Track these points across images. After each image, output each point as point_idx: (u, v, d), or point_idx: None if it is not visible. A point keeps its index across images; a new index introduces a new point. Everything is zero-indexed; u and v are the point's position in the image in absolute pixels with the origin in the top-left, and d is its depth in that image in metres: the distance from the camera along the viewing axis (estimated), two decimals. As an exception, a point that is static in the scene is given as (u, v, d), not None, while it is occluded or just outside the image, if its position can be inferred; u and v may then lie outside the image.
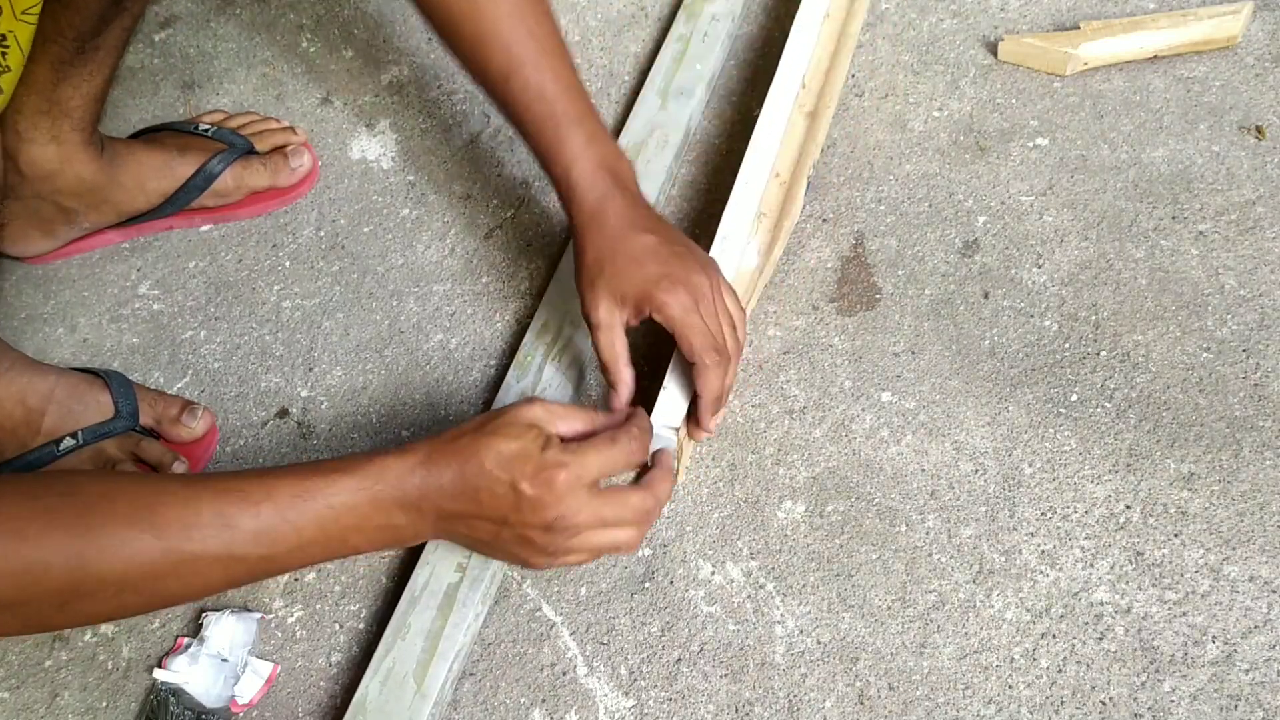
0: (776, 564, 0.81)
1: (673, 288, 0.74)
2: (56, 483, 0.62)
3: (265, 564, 0.64)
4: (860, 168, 0.99)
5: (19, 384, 0.85)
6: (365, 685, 0.76)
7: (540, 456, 0.66)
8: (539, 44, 0.77)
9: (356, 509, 0.66)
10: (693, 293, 0.75)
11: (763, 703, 0.76)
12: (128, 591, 0.61)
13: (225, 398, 0.95)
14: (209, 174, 1.00)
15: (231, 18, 1.20)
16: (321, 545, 0.65)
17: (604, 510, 0.69)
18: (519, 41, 0.76)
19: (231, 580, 0.65)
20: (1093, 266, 0.91)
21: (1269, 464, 0.80)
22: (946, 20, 1.08)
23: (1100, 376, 0.86)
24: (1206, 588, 0.76)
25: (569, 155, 0.77)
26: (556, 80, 0.77)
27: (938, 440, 0.84)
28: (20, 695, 0.81)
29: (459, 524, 0.68)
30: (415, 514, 0.67)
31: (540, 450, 0.67)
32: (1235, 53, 1.01)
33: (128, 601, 0.62)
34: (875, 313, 0.91)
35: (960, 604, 0.78)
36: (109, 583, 0.59)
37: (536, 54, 0.77)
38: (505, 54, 0.76)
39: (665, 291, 0.74)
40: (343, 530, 0.66)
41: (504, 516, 0.67)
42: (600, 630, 0.80)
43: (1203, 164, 0.95)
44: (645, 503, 0.71)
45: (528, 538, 0.68)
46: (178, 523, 0.61)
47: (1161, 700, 0.73)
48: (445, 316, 0.97)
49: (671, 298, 0.74)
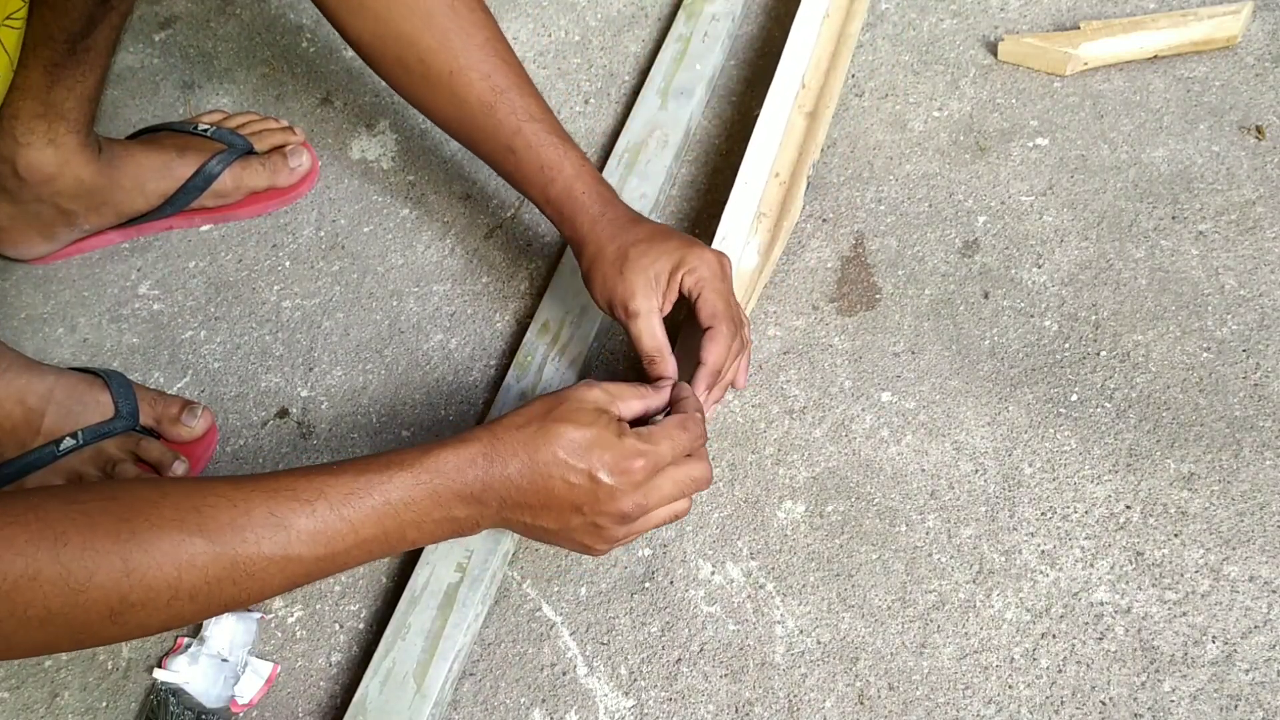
0: (776, 564, 0.81)
1: (703, 254, 0.76)
2: (100, 488, 0.60)
3: (323, 564, 0.63)
4: (860, 168, 0.99)
5: (18, 384, 0.85)
6: (365, 685, 0.76)
7: (619, 445, 0.66)
8: (516, 72, 0.79)
9: (415, 504, 0.64)
10: (719, 263, 0.77)
11: (763, 703, 0.76)
12: (181, 598, 0.59)
13: (225, 398, 0.95)
14: (208, 174, 1.00)
15: (231, 18, 1.20)
16: (380, 541, 0.64)
17: (672, 490, 0.69)
18: (498, 71, 0.78)
19: (290, 582, 0.63)
20: (1093, 266, 0.91)
21: (1269, 464, 0.80)
22: (946, 20, 1.08)
23: (1100, 376, 0.86)
24: (1206, 588, 0.76)
25: (571, 168, 0.78)
26: (540, 104, 0.80)
27: (938, 440, 0.84)
28: (20, 695, 0.81)
29: (524, 513, 0.67)
30: (477, 505, 0.66)
31: (617, 438, 0.66)
32: (1235, 53, 1.01)
33: (182, 610, 0.59)
34: (875, 313, 0.91)
35: (960, 604, 0.78)
36: (159, 590, 0.58)
37: (518, 80, 0.79)
38: (486, 82, 0.78)
39: (696, 257, 0.75)
40: (401, 526, 0.65)
41: (579, 506, 0.66)
42: (600, 630, 0.80)
43: (1203, 164, 0.95)
44: (704, 471, 0.71)
45: (599, 526, 0.67)
46: (230, 526, 0.59)
47: (1161, 700, 0.73)
48: (445, 316, 0.97)
49: (702, 263, 0.75)
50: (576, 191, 0.78)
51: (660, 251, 0.76)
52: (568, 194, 0.78)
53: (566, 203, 0.79)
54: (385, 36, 0.78)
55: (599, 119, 1.07)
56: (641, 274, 0.75)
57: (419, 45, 0.77)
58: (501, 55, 0.79)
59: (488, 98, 0.78)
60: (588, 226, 0.78)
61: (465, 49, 0.77)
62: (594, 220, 0.78)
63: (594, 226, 0.78)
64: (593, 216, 0.78)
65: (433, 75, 0.78)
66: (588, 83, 1.10)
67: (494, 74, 0.78)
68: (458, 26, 0.77)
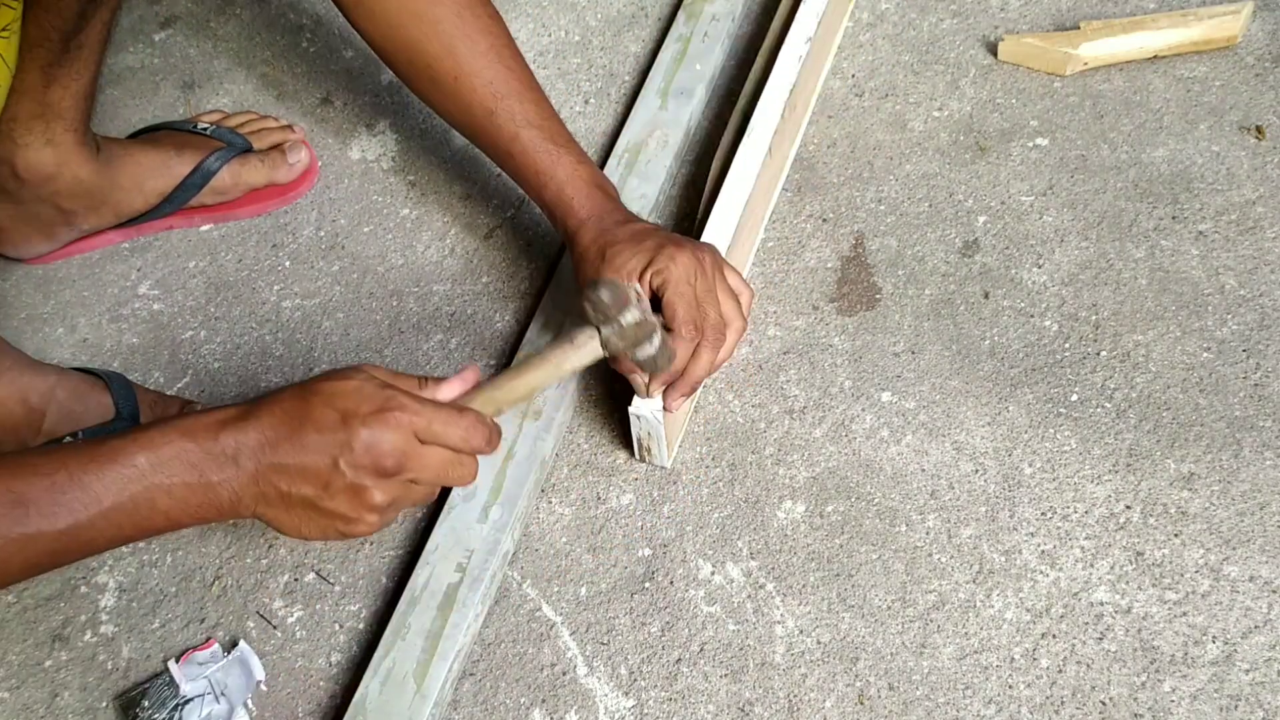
0: (776, 564, 0.81)
1: (677, 253, 0.76)
2: None
3: (66, 541, 0.58)
4: (860, 168, 0.99)
5: (20, 383, 0.85)
6: (365, 685, 0.76)
7: (379, 392, 0.62)
8: (518, 78, 0.82)
9: (163, 465, 0.59)
10: (693, 264, 0.76)
11: (763, 703, 0.76)
12: None
13: (225, 398, 0.95)
14: (206, 171, 1.00)
15: (231, 18, 1.20)
16: (127, 512, 0.59)
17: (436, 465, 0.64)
18: (500, 78, 0.81)
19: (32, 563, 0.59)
20: (1093, 266, 0.91)
21: (1269, 464, 0.80)
22: (946, 20, 1.08)
23: (1100, 376, 0.86)
24: (1206, 588, 0.76)
25: (563, 174, 0.81)
26: (540, 110, 0.82)
27: (938, 440, 0.84)
28: (20, 695, 0.81)
29: (281, 479, 0.62)
30: (232, 468, 0.61)
31: (379, 389, 0.62)
32: (1235, 53, 1.01)
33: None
34: (875, 313, 0.91)
35: (960, 604, 0.78)
36: None
37: (519, 87, 0.82)
38: (488, 89, 0.81)
39: (668, 257, 0.75)
40: (150, 492, 0.59)
41: (335, 460, 0.61)
42: (600, 630, 0.80)
43: (1203, 164, 0.95)
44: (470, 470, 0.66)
45: (359, 487, 0.62)
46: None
47: (1161, 700, 0.73)
48: (445, 316, 0.97)
49: (673, 263, 0.75)
50: (566, 196, 0.81)
51: (634, 252, 0.77)
52: (559, 198, 0.81)
53: (558, 206, 0.81)
54: (395, 41, 0.81)
55: (599, 119, 1.07)
56: (615, 274, 0.76)
57: (426, 52, 0.80)
58: (505, 61, 0.81)
59: (489, 103, 0.81)
60: (575, 229, 0.81)
61: (469, 55, 0.80)
62: (581, 223, 0.80)
63: (580, 229, 0.80)
64: (580, 220, 0.80)
65: (439, 80, 0.81)
66: (588, 83, 1.10)
67: (495, 80, 0.81)
68: (463, 33, 0.80)
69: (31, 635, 0.84)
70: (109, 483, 0.59)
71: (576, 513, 0.85)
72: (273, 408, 0.62)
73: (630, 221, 0.80)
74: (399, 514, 0.67)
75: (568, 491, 0.86)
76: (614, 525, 0.84)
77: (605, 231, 0.79)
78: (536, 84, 0.83)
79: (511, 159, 0.82)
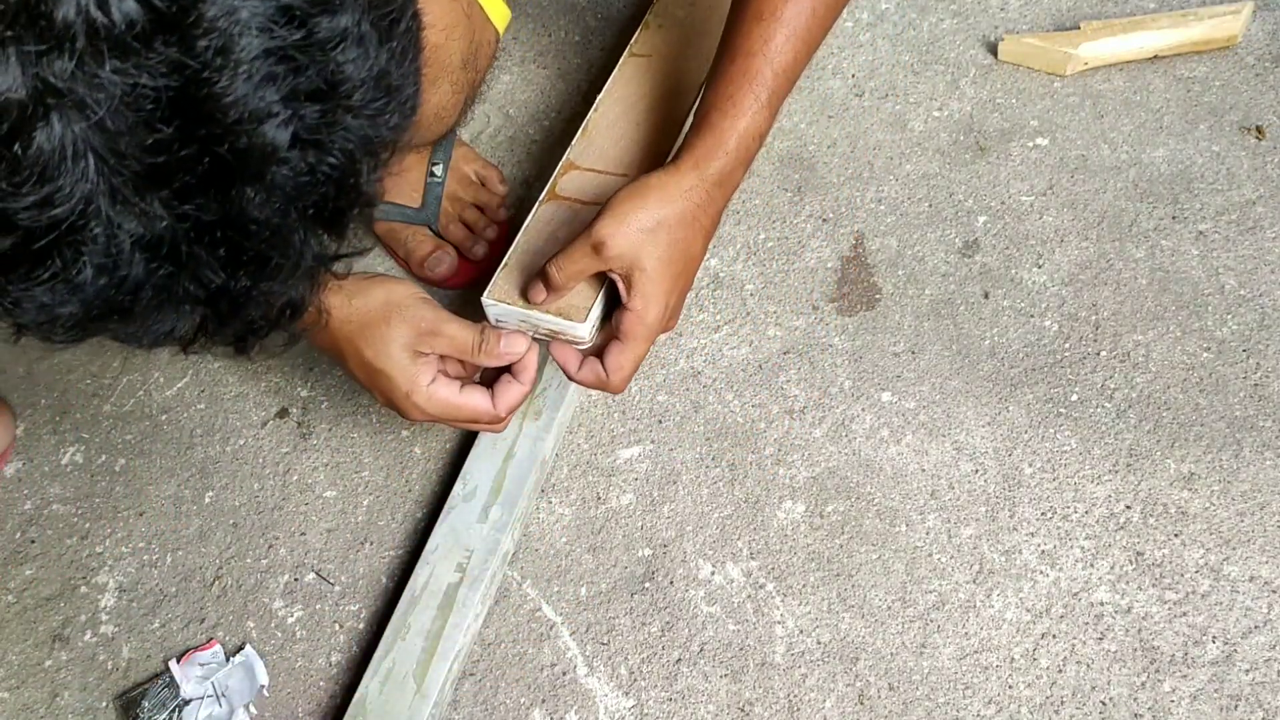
0: (776, 564, 0.81)
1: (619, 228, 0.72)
2: None
3: None
4: (860, 168, 0.99)
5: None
6: (365, 685, 0.76)
7: (400, 384, 0.72)
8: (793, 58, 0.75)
9: None
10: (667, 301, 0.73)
11: (763, 703, 0.76)
12: None
13: (225, 398, 0.95)
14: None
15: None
16: None
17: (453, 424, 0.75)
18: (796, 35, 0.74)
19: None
20: (1093, 266, 0.91)
21: (1269, 464, 0.80)
22: (946, 20, 1.08)
23: (1100, 376, 0.86)
24: (1206, 588, 0.76)
25: (740, 125, 0.74)
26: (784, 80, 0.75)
27: (938, 440, 0.84)
28: (20, 695, 0.81)
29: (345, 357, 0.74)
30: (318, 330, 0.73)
31: (406, 368, 0.71)
32: (1235, 53, 1.01)
33: None
34: (875, 313, 0.91)
35: (960, 604, 0.78)
36: None
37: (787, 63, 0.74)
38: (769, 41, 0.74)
39: None
40: None
41: (368, 388, 0.75)
42: (600, 630, 0.80)
43: (1203, 164, 0.95)
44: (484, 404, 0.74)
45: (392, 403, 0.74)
46: None
47: (1161, 700, 0.73)
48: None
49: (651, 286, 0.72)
50: (707, 141, 0.74)
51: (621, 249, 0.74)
52: (706, 127, 0.74)
53: (699, 132, 0.75)
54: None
55: (599, 119, 1.07)
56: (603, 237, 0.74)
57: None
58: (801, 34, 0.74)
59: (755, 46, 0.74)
60: (665, 167, 0.75)
61: None
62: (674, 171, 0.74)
63: (666, 174, 0.74)
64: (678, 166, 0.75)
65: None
66: (587, 83, 1.10)
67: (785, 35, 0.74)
68: None
69: (31, 635, 0.84)
70: None
71: (576, 513, 0.85)
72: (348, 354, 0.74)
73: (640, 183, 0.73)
74: None
75: (568, 491, 0.86)
76: (614, 525, 0.84)
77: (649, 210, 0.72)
78: None
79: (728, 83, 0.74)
